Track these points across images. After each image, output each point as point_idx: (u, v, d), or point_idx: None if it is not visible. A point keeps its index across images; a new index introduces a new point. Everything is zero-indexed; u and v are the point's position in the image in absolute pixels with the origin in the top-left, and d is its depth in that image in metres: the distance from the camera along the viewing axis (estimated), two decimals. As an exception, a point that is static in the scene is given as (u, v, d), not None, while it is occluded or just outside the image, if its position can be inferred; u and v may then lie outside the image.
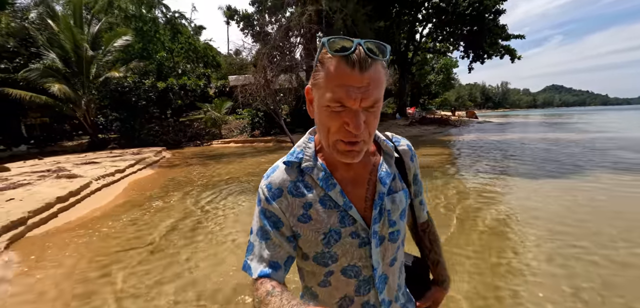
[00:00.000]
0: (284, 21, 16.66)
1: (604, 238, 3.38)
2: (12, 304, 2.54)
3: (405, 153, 0.82)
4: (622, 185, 5.41)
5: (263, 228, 0.71)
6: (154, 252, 3.42)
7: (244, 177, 7.54)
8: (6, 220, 3.64)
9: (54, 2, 19.98)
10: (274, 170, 0.74)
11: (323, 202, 0.70)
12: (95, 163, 8.68)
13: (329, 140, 0.64)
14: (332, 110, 0.60)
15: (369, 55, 0.57)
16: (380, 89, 0.60)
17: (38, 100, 15.53)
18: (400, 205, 0.76)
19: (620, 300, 2.32)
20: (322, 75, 0.61)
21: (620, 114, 45.62)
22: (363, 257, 0.71)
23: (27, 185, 5.57)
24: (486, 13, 21.78)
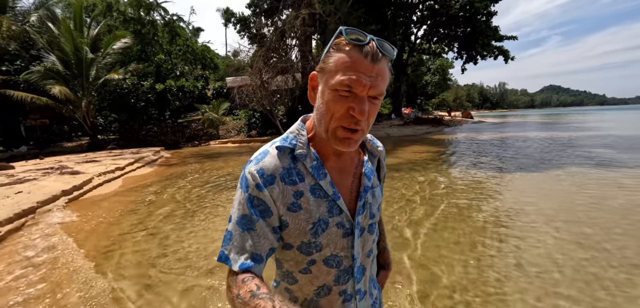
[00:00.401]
0: (279, 24, 17.07)
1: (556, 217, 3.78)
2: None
3: (381, 153, 0.87)
4: (585, 177, 5.81)
5: (247, 217, 0.67)
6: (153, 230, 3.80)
7: (236, 170, 7.94)
8: (18, 208, 4.01)
9: (54, 5, 20.31)
10: (265, 155, 0.72)
11: (313, 191, 0.71)
12: (96, 161, 9.04)
13: (330, 125, 0.66)
14: (339, 94, 0.63)
15: (380, 50, 0.62)
16: (385, 84, 0.65)
17: (39, 102, 15.85)
18: (378, 199, 0.81)
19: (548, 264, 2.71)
20: (334, 60, 0.63)
21: (615, 114, 46.19)
22: (345, 247, 0.74)
23: (33, 181, 5.93)
24: (478, 15, 22.23)
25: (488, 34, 24.23)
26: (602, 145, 10.34)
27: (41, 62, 16.70)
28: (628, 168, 6.48)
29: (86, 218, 4.38)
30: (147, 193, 6.00)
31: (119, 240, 3.65)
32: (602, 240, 3.22)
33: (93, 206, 5.06)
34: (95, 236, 3.76)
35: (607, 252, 2.95)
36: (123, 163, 8.53)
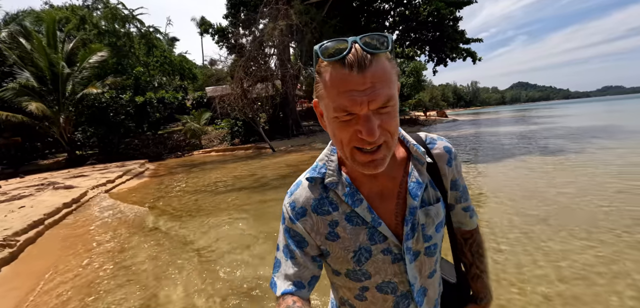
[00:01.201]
0: (257, 33, 17.61)
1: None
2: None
3: (440, 157, 0.73)
4: (530, 164, 6.78)
5: (288, 247, 0.69)
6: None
7: (229, 179, 8.43)
8: (29, 221, 4.40)
9: (24, 20, 19.90)
10: (297, 187, 0.72)
11: (350, 219, 0.67)
12: (85, 176, 9.26)
13: (345, 153, 0.59)
14: (340, 120, 0.55)
15: (367, 51, 0.52)
16: (389, 85, 0.54)
17: (14, 120, 15.58)
18: (436, 219, 0.70)
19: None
20: (322, 86, 0.57)
21: (578, 107, 49.53)
22: (398, 273, 0.68)
23: (30, 196, 6.22)
24: (445, 20, 23.67)
25: (456, 37, 25.77)
26: (553, 136, 11.58)
27: (14, 78, 16.41)
28: (558, 155, 7.54)
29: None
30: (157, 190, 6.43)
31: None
32: (529, 205, 4.05)
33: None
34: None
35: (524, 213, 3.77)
36: (113, 176, 8.82)
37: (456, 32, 25.85)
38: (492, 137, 13.42)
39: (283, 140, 17.99)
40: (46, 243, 4.18)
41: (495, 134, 15.17)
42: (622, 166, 5.98)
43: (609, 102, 74.31)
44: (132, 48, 21.71)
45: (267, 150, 15.25)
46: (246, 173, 9.27)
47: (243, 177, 8.63)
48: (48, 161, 20.25)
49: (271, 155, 13.50)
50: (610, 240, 3.01)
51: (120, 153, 18.88)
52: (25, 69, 16.55)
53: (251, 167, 10.34)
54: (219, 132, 21.11)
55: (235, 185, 7.44)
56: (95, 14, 21.73)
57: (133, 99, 18.91)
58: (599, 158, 6.94)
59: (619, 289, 2.25)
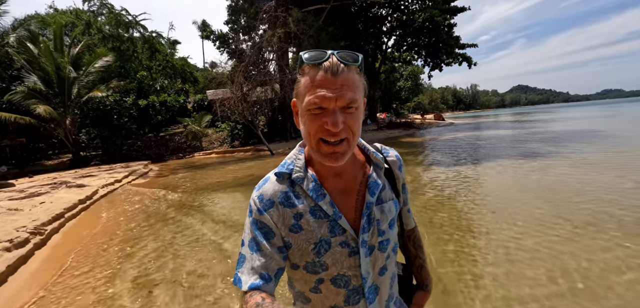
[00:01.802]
0: (257, 39, 18.25)
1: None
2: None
3: (394, 163, 0.85)
4: (509, 167, 7.38)
5: (255, 239, 0.72)
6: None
7: (229, 180, 9.03)
8: (52, 213, 5.00)
9: (30, 24, 20.56)
10: (266, 182, 0.77)
11: (313, 212, 0.72)
12: (93, 176, 9.86)
13: (313, 143, 0.67)
14: (312, 113, 0.65)
15: (341, 61, 0.64)
16: (354, 91, 0.65)
17: (22, 121, 16.19)
18: (389, 215, 0.77)
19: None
20: (302, 84, 0.67)
21: (577, 111, 50.02)
22: (352, 266, 0.73)
23: (46, 194, 6.81)
24: (440, 27, 24.33)
25: (450, 43, 26.46)
26: (532, 140, 12.18)
27: (22, 82, 17.04)
28: (538, 158, 8.14)
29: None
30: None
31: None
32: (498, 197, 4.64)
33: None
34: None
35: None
36: (120, 176, 9.42)
37: (451, 37, 26.57)
38: (474, 141, 14.02)
39: (281, 142, 18.60)
40: (70, 231, 4.78)
41: (478, 137, 15.76)
42: (573, 168, 6.58)
43: (607, 105, 74.86)
44: (135, 52, 22.35)
45: (265, 152, 15.84)
46: (244, 174, 9.87)
47: (241, 177, 9.24)
48: (53, 161, 20.83)
49: (269, 157, 14.10)
50: (535, 231, 3.62)
51: (123, 154, 19.49)
52: (32, 73, 17.18)
53: (249, 166, 10.94)
54: (219, 135, 21.72)
55: (235, 182, 8.04)
56: (100, 19, 22.38)
57: (136, 102, 19.54)
58: (556, 162, 7.55)
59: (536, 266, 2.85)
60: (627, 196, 4.56)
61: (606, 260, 2.82)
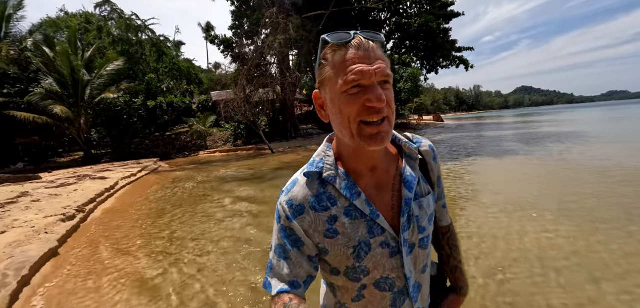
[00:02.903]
0: (259, 43, 19.26)
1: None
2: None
3: (427, 154, 0.79)
4: (483, 165, 8.32)
5: (283, 247, 0.69)
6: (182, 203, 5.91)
7: (234, 173, 10.05)
8: (87, 197, 6.02)
9: (46, 29, 21.75)
10: (294, 184, 0.72)
11: (348, 213, 0.68)
12: (110, 171, 10.92)
13: (352, 128, 0.62)
14: (349, 94, 0.60)
15: (368, 38, 0.61)
16: (387, 66, 0.62)
17: (39, 121, 17.33)
18: (428, 210, 0.74)
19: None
20: (330, 67, 0.62)
21: (582, 112, 50.51)
22: (395, 267, 0.70)
23: (74, 184, 7.85)
24: (435, 31, 25.25)
25: (447, 47, 27.38)
26: (514, 140, 13.08)
27: (39, 84, 18.19)
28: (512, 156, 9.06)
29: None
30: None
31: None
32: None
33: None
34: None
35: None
36: (134, 170, 10.46)
37: (447, 41, 27.46)
38: (460, 141, 14.95)
39: (282, 142, 19.60)
40: (108, 206, 5.81)
41: (463, 137, 16.66)
42: (539, 167, 7.51)
43: (611, 107, 74.96)
44: (144, 55, 23.48)
45: (267, 151, 16.84)
46: (246, 169, 10.89)
47: (243, 171, 10.25)
48: (65, 159, 22.00)
49: (270, 155, 15.11)
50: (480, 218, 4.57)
51: (131, 152, 20.60)
52: (49, 75, 18.34)
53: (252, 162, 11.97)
54: (223, 134, 22.77)
55: (238, 176, 9.06)
56: (110, 23, 23.54)
57: (145, 103, 20.64)
58: (526, 162, 8.47)
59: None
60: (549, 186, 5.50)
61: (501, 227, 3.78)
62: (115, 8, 23.51)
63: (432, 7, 25.34)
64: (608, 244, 3.12)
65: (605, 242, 3.17)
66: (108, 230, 4.69)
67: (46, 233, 3.96)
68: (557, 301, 2.30)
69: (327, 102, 0.67)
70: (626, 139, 11.55)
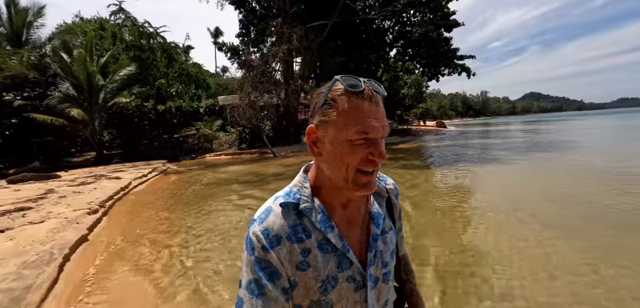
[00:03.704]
0: (265, 51, 20.14)
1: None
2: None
3: (391, 191, 0.84)
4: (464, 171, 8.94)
5: (257, 281, 0.65)
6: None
7: (233, 175, 10.82)
8: (106, 195, 6.81)
9: (63, 36, 22.95)
10: (268, 214, 0.70)
11: (321, 246, 0.69)
12: (123, 171, 11.78)
13: (349, 174, 0.64)
14: (354, 144, 0.62)
15: (376, 91, 0.64)
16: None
17: (57, 123, 18.38)
18: (391, 245, 0.77)
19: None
20: (340, 112, 0.63)
21: (593, 120, 50.41)
22: (359, 301, 0.71)
23: (93, 183, 8.68)
24: (436, 41, 25.90)
25: (448, 55, 27.99)
26: (500, 148, 13.63)
27: (56, 87, 19.29)
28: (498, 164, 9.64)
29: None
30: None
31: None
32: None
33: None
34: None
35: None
36: (145, 171, 11.30)
37: (449, 50, 28.07)
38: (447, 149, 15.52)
39: (284, 146, 20.37)
40: (124, 203, 6.59)
41: (453, 145, 17.21)
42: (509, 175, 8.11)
43: (621, 115, 74.10)
44: (155, 61, 24.51)
45: (269, 155, 17.61)
46: (249, 171, 11.66)
47: (247, 173, 11.03)
48: (78, 159, 23.09)
49: (272, 159, 15.87)
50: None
51: (141, 153, 21.57)
52: (65, 80, 19.43)
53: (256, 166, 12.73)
54: (229, 138, 23.64)
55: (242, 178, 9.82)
56: (123, 30, 24.64)
57: (155, 106, 21.63)
58: (499, 170, 9.06)
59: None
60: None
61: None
62: (129, 16, 24.65)
63: (434, 17, 25.99)
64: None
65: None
66: (126, 221, 5.47)
67: (77, 223, 4.74)
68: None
69: (324, 142, 0.66)
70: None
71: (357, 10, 23.10)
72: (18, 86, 18.55)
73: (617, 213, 4.57)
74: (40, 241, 3.88)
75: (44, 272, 3.10)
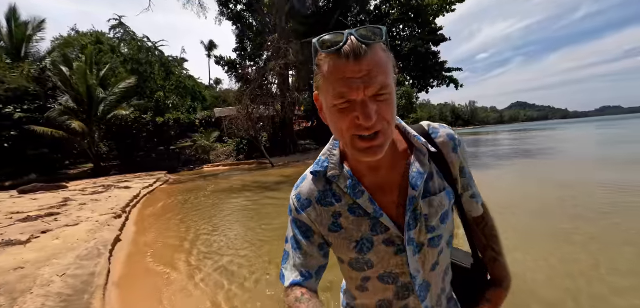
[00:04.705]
0: (261, 64, 20.88)
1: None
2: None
3: (444, 145, 0.73)
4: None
5: (295, 238, 0.74)
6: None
7: (235, 184, 11.40)
8: (125, 201, 7.35)
9: (62, 49, 23.34)
10: (303, 181, 0.76)
11: (352, 210, 0.69)
12: (129, 181, 12.24)
13: (346, 139, 0.61)
14: (339, 108, 0.58)
15: (362, 42, 0.55)
16: (384, 74, 0.56)
17: (56, 135, 18.67)
18: (440, 209, 0.70)
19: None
20: (321, 76, 0.60)
21: (564, 129, 52.39)
22: (400, 264, 0.69)
23: (105, 192, 9.17)
24: (424, 55, 27.14)
25: (436, 68, 29.29)
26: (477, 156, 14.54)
27: (56, 100, 19.62)
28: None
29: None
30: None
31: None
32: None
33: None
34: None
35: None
36: (150, 181, 11.79)
37: (437, 63, 29.38)
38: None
39: (281, 157, 20.99)
40: (142, 208, 7.13)
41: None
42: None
43: (604, 122, 76.80)
44: (153, 74, 25.06)
45: (267, 165, 18.20)
46: (250, 180, 12.26)
47: (248, 182, 11.62)
48: (74, 171, 23.24)
49: (270, 169, 16.48)
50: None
51: (138, 165, 21.91)
52: (65, 92, 19.79)
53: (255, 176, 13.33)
54: (226, 149, 24.16)
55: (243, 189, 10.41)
56: (122, 43, 25.22)
57: (154, 119, 22.10)
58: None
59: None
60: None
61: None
62: (128, 30, 25.24)
63: (422, 32, 27.27)
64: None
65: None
66: (149, 224, 6.04)
67: (108, 225, 5.30)
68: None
69: (323, 109, 0.64)
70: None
71: (349, 26, 24.17)
72: (18, 99, 18.82)
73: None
74: (83, 240, 4.45)
75: (99, 263, 3.69)
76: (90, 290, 2.98)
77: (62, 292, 2.84)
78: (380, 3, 27.62)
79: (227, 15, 22.68)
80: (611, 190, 6.04)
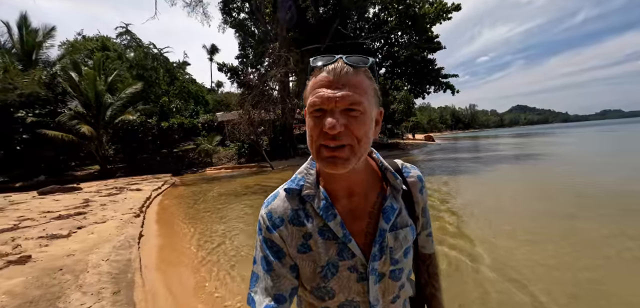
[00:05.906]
0: (263, 70, 21.75)
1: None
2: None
3: (413, 185, 0.79)
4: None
5: (266, 258, 0.71)
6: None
7: (238, 187, 12.21)
8: (140, 202, 8.16)
9: (72, 55, 24.27)
10: (275, 198, 0.75)
11: (322, 232, 0.70)
12: (138, 183, 13.06)
13: (314, 148, 0.64)
14: (313, 116, 0.63)
15: (348, 64, 0.62)
16: (360, 93, 0.62)
17: (66, 138, 19.52)
18: (405, 243, 0.74)
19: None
20: (307, 89, 0.66)
21: (565, 133, 53.13)
22: (361, 292, 0.71)
23: (119, 194, 9.99)
24: (421, 62, 28.04)
25: (433, 74, 30.18)
26: (470, 161, 15.33)
27: (65, 104, 20.49)
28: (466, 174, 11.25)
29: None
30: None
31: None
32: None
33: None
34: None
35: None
36: (158, 183, 12.61)
37: (433, 69, 30.29)
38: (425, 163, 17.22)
39: (281, 160, 21.83)
40: (156, 208, 7.94)
41: (432, 159, 18.95)
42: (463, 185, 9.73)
43: (603, 126, 77.52)
44: (157, 79, 25.96)
45: (268, 168, 19.02)
46: (252, 182, 13.08)
47: (250, 184, 12.44)
48: (81, 172, 24.08)
49: (271, 172, 17.30)
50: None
51: (143, 167, 22.75)
52: (74, 97, 20.66)
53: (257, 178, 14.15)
54: (228, 152, 25.01)
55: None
56: (128, 50, 26.14)
57: (159, 123, 22.97)
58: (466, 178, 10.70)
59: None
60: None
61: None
62: (134, 37, 26.17)
63: (419, 39, 28.17)
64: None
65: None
66: (165, 221, 6.87)
67: (131, 222, 6.12)
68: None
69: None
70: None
71: (348, 34, 25.05)
72: (30, 104, 19.69)
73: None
74: (114, 234, 5.26)
75: (132, 252, 4.50)
76: (131, 270, 3.79)
77: (110, 272, 3.66)
78: (378, 11, 28.51)
79: (230, 23, 23.59)
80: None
